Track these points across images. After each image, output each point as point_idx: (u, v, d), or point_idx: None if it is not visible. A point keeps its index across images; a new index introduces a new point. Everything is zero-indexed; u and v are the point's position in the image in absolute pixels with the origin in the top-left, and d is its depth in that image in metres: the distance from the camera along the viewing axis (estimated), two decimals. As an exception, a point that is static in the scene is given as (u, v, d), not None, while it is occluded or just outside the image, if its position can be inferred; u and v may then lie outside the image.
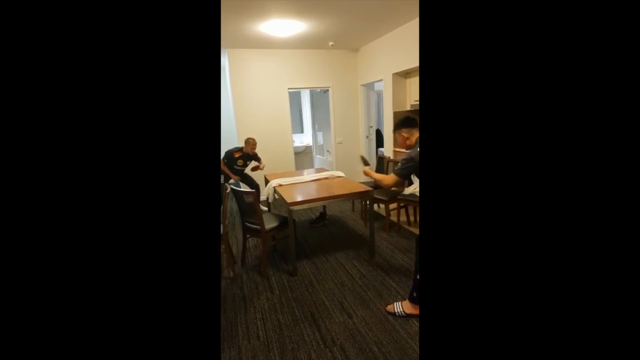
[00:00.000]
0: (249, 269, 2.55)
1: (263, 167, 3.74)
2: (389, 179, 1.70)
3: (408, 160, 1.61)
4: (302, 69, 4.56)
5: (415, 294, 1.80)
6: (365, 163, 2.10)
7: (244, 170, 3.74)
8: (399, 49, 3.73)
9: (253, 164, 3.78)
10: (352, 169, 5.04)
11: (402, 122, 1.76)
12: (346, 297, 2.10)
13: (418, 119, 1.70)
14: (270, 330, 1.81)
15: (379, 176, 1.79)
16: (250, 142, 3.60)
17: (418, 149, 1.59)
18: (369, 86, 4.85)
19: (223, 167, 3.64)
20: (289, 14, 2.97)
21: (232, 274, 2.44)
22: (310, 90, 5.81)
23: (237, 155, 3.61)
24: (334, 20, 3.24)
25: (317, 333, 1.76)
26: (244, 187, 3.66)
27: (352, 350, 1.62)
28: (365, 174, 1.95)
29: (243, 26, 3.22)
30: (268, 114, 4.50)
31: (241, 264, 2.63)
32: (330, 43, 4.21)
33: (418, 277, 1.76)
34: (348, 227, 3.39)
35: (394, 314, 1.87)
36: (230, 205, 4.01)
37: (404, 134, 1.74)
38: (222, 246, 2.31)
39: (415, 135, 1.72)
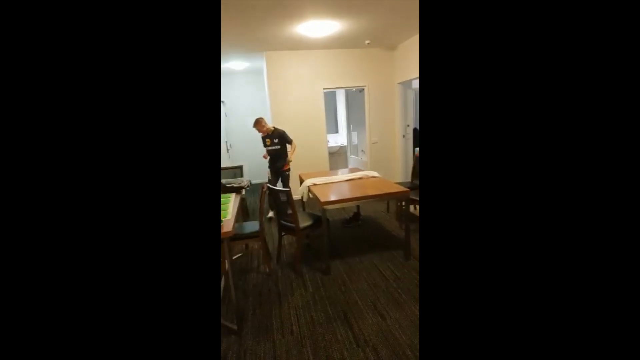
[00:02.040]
0: (283, 266, 2.62)
1: (291, 159, 3.77)
2: None
3: None
4: (337, 69, 4.57)
5: None
6: None
7: (276, 150, 3.77)
8: (438, 45, 3.56)
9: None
10: (388, 169, 4.94)
11: None
12: (379, 298, 2.07)
13: None
14: (304, 326, 1.85)
15: None
16: (258, 121, 3.67)
17: None
18: (406, 84, 4.71)
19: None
20: (325, 15, 2.99)
21: (267, 270, 2.52)
22: (346, 90, 5.80)
23: (263, 136, 3.80)
24: (371, 18, 3.21)
25: (349, 332, 1.77)
26: (279, 186, 3.77)
27: (385, 352, 1.60)
28: None
29: (280, 29, 3.31)
30: (303, 114, 4.58)
31: (276, 261, 2.71)
32: (367, 41, 4.16)
33: None
34: (383, 228, 3.34)
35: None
36: (267, 203, 4.16)
37: None
38: (259, 242, 2.40)
39: None
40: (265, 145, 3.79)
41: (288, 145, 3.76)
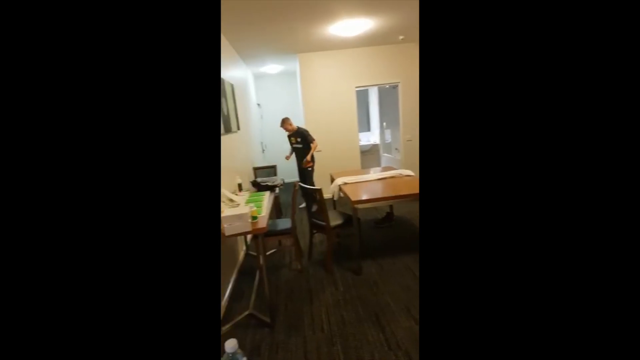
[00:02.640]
0: (314, 263, 2.66)
1: (308, 158, 3.90)
2: None
3: None
4: (369, 66, 4.51)
5: None
6: None
7: (301, 147, 3.96)
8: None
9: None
10: (423, 168, 4.76)
11: None
12: (413, 302, 2.01)
13: None
14: (334, 324, 1.86)
15: None
16: (284, 121, 3.93)
17: None
18: (443, 79, 4.51)
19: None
20: (358, 13, 2.97)
21: (299, 267, 2.57)
22: (379, 87, 5.70)
23: (288, 134, 4.05)
24: (404, 13, 3.12)
25: (381, 335, 1.74)
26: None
27: (418, 358, 1.55)
28: None
29: (312, 31, 3.35)
30: (335, 113, 4.59)
31: (308, 258, 2.75)
32: (401, 37, 4.05)
33: None
34: (416, 229, 3.23)
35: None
36: (299, 201, 4.23)
37: None
38: (291, 239, 2.46)
39: None
40: (290, 144, 4.06)
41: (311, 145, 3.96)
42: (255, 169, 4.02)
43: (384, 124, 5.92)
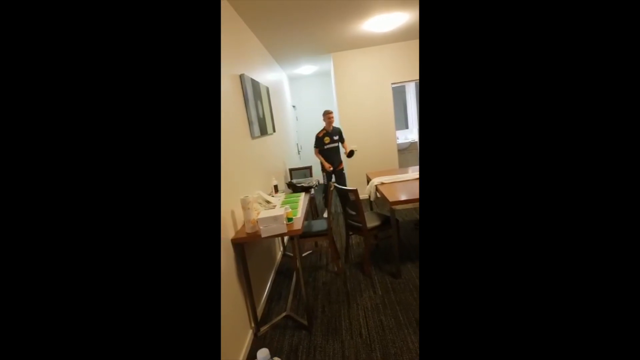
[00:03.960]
0: (351, 266, 2.61)
1: (351, 151, 3.71)
2: None
3: None
4: (405, 62, 4.34)
5: None
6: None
7: (336, 148, 3.77)
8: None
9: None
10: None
11: None
12: (457, 309, 1.88)
13: None
14: (373, 330, 1.80)
15: None
16: (327, 114, 3.62)
17: None
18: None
19: (317, 155, 3.77)
20: (393, 7, 2.87)
21: (336, 269, 2.55)
22: (416, 83, 5.47)
23: (320, 134, 3.71)
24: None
25: (422, 342, 1.65)
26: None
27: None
28: None
29: (346, 28, 3.31)
30: (370, 111, 4.49)
31: (345, 260, 2.71)
32: (439, 28, 3.84)
33: None
34: (460, 231, 3.03)
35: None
36: (335, 202, 4.20)
37: None
38: (327, 241, 2.44)
39: None
40: (324, 145, 3.71)
41: (340, 145, 3.78)
42: (291, 170, 4.07)
43: (422, 120, 5.66)
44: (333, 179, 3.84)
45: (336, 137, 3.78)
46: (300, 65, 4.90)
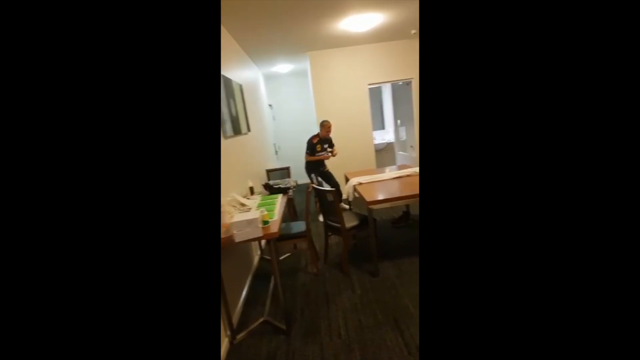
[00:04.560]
0: (331, 266, 2.60)
1: (335, 154, 3.79)
2: None
3: None
4: (382, 63, 4.41)
5: None
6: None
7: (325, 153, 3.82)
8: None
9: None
10: (440, 164, 4.61)
11: None
12: (434, 305, 1.92)
13: None
14: (352, 330, 1.80)
15: None
16: (326, 125, 3.66)
17: None
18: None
19: (309, 158, 3.78)
20: (367, 7, 2.89)
21: (315, 270, 2.52)
22: (392, 84, 5.58)
23: (315, 140, 3.73)
24: (416, 6, 3.01)
25: (400, 339, 1.66)
26: (325, 186, 3.76)
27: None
28: None
29: (322, 27, 3.30)
30: (348, 111, 4.51)
31: (324, 261, 2.70)
32: (413, 31, 3.93)
33: None
34: (435, 228, 3.11)
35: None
36: (312, 203, 4.18)
37: None
38: (306, 242, 2.41)
39: None
40: (314, 152, 3.73)
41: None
42: (269, 171, 4.00)
43: (399, 121, 5.79)
44: (319, 179, 3.82)
45: (326, 145, 3.82)
46: (277, 64, 4.83)
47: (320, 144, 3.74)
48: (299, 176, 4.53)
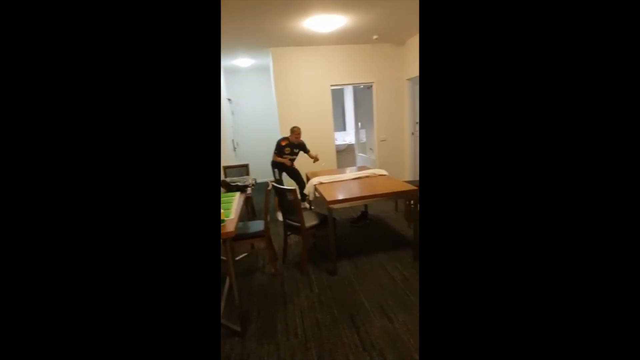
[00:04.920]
0: (289, 266, 2.58)
1: (318, 158, 3.77)
2: None
3: None
4: (345, 65, 4.49)
5: None
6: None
7: (294, 159, 3.78)
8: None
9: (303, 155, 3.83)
10: (396, 167, 4.84)
11: None
12: (387, 300, 2.00)
13: None
14: (309, 329, 1.80)
15: None
16: (295, 131, 3.64)
17: None
18: (415, 80, 4.60)
19: (277, 158, 3.70)
20: (331, 9, 2.92)
21: (273, 270, 2.48)
22: (354, 87, 5.72)
23: (283, 143, 3.67)
24: (378, 13, 3.12)
25: (355, 335, 1.71)
26: (288, 184, 3.72)
27: (392, 356, 1.53)
28: None
29: (286, 24, 3.26)
30: (310, 111, 4.52)
31: (282, 261, 2.67)
32: (375, 36, 4.07)
33: None
34: (391, 227, 3.26)
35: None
36: (272, 202, 4.12)
37: None
38: (265, 242, 2.36)
39: None
40: (283, 154, 3.66)
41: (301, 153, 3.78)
42: (226, 168, 3.85)
43: (359, 124, 5.95)
44: (282, 176, 3.76)
45: (297, 150, 3.76)
46: (237, 57, 4.67)
47: (289, 147, 3.70)
48: (259, 174, 4.43)
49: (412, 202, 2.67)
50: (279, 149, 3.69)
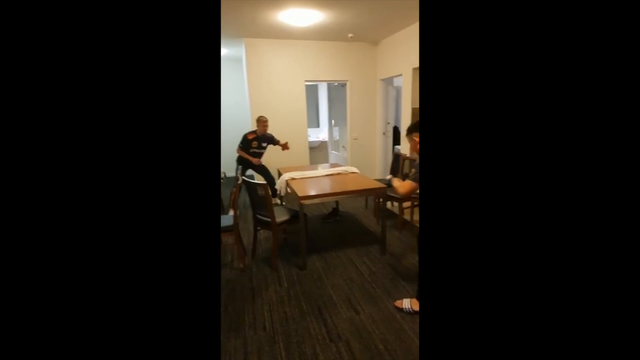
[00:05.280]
0: (259, 261, 2.57)
1: (289, 146, 3.63)
2: (406, 186, 1.65)
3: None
4: (319, 61, 4.50)
5: None
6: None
7: (261, 153, 3.66)
8: (420, 42, 3.59)
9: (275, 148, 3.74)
10: (367, 165, 4.96)
11: (415, 126, 1.71)
12: (354, 293, 2.07)
13: None
14: (277, 322, 1.81)
15: (396, 184, 1.74)
16: (262, 120, 3.47)
17: None
18: (388, 81, 4.74)
19: (240, 152, 3.57)
20: (307, 3, 2.92)
21: (242, 265, 2.46)
22: (328, 84, 5.75)
23: (250, 137, 3.52)
24: (354, 11, 3.16)
25: (323, 327, 1.75)
26: (258, 179, 3.67)
27: (357, 346, 1.60)
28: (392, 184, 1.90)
29: (260, 15, 3.20)
30: (284, 106, 4.48)
31: (252, 256, 2.65)
32: (350, 35, 4.12)
33: None
34: (360, 223, 3.35)
35: (401, 310, 1.84)
36: (242, 197, 4.06)
37: (416, 138, 1.68)
38: (233, 237, 2.33)
39: None
40: (250, 148, 3.53)
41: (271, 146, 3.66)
42: (196, 161, 3.70)
43: (333, 121, 6.01)
44: (247, 173, 3.67)
45: (264, 144, 3.61)
46: (210, 48, 4.49)
47: (257, 141, 3.54)
48: (228, 168, 4.32)
49: (381, 199, 2.76)
50: (245, 143, 3.54)
